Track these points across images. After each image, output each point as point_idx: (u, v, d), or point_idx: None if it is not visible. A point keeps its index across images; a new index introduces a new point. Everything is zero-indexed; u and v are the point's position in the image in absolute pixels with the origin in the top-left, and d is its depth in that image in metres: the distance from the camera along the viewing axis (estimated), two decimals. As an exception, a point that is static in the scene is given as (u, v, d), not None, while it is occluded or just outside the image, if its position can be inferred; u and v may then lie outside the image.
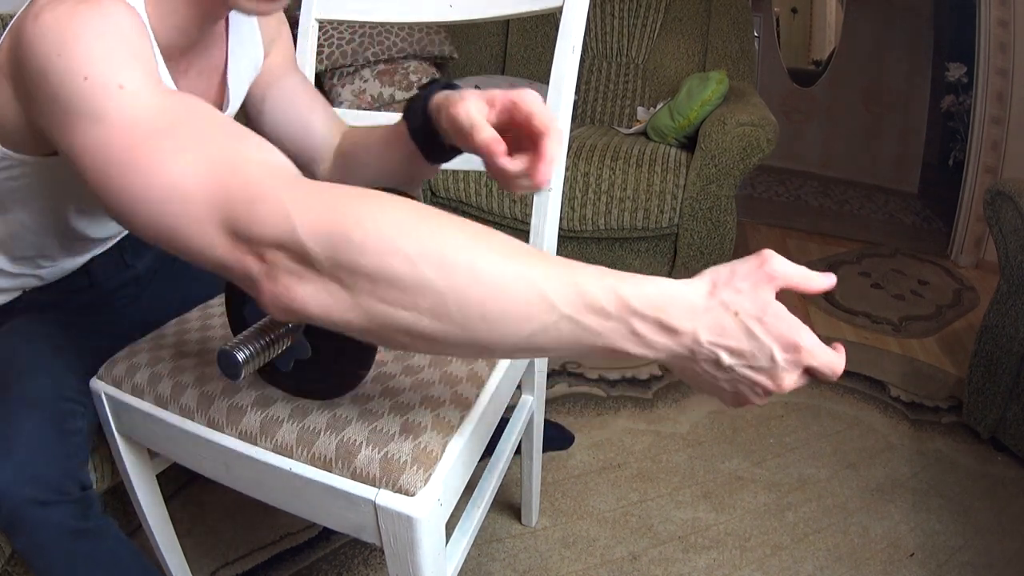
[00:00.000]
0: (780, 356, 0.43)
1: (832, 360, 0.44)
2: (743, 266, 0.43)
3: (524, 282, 0.41)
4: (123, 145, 0.46)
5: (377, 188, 0.68)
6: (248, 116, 0.81)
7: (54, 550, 0.63)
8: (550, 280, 0.42)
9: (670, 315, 0.42)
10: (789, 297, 0.41)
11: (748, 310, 0.42)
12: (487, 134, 0.53)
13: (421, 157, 0.68)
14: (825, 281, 0.45)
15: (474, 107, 0.55)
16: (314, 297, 0.44)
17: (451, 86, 0.64)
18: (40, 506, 0.61)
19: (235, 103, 0.76)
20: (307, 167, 0.81)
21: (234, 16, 0.71)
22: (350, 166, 0.77)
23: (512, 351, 0.44)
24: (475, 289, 0.41)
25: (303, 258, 0.43)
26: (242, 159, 0.47)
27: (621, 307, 0.42)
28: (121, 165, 0.46)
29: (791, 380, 0.44)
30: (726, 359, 0.43)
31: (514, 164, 0.54)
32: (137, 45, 0.51)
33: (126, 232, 0.84)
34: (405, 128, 0.67)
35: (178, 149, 0.46)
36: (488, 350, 0.44)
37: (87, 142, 0.48)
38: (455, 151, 0.67)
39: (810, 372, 0.45)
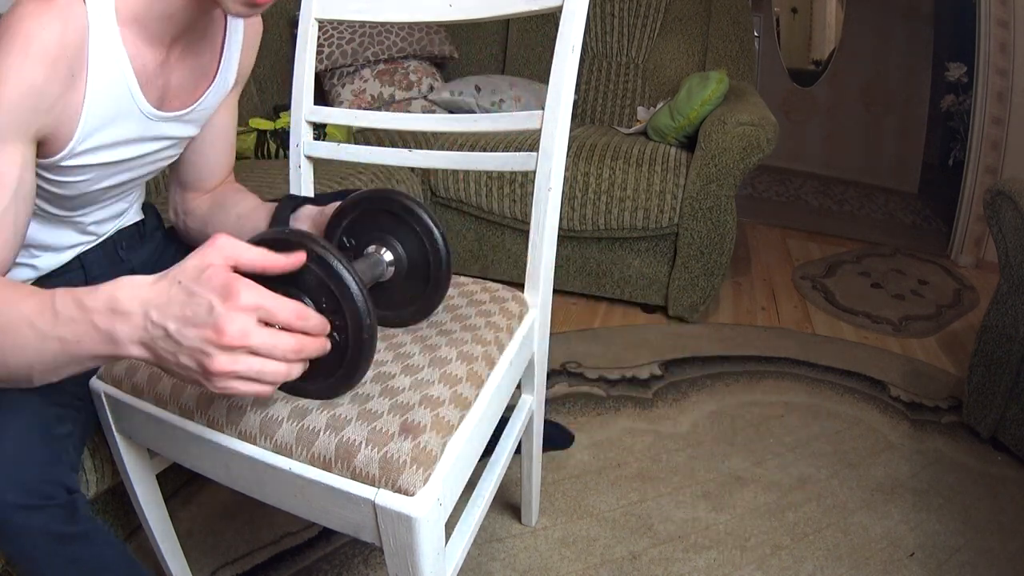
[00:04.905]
0: (219, 305, 0.44)
1: (285, 307, 0.46)
2: (194, 254, 0.47)
3: (19, 319, 0.49)
4: None
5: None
6: None
7: (38, 555, 0.63)
8: (35, 313, 0.49)
9: (119, 300, 0.47)
10: (789, 295, 0.41)
11: (189, 275, 0.46)
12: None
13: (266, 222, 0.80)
14: (288, 261, 0.48)
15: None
16: None
17: (311, 201, 0.79)
18: (23, 511, 0.60)
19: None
20: (191, 186, 0.88)
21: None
22: (218, 213, 0.85)
23: (25, 379, 0.52)
24: None
25: None
26: None
27: (79, 309, 0.48)
28: None
29: (236, 327, 0.44)
30: (172, 327, 0.45)
31: None
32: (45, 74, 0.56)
33: (119, 225, 0.84)
34: (269, 212, 0.80)
35: None
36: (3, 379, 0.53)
37: None
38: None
39: (270, 323, 0.46)
